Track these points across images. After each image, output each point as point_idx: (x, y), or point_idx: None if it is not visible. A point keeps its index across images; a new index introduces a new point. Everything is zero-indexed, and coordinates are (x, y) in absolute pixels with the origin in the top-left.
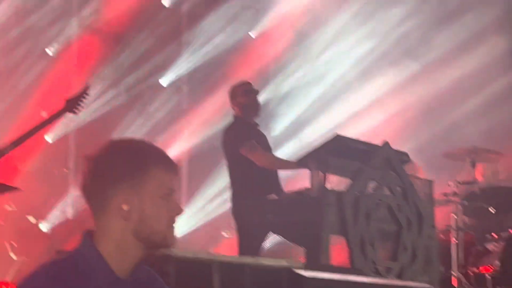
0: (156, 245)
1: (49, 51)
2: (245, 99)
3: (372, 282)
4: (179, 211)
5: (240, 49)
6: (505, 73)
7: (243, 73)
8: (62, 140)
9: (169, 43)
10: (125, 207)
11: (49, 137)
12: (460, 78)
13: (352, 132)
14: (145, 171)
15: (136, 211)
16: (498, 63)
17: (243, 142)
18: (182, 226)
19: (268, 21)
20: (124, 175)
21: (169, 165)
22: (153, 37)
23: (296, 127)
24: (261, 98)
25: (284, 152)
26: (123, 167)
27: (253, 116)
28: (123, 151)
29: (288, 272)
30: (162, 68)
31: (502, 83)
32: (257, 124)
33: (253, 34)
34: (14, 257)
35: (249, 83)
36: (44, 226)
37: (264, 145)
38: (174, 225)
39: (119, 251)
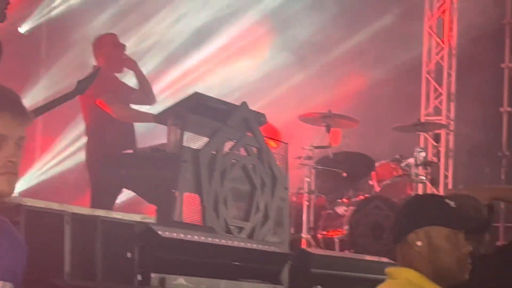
0: None
1: None
2: (112, 51)
3: (225, 244)
4: (11, 158)
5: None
6: (352, 35)
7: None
8: None
9: None
10: None
11: None
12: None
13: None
14: None
15: None
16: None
17: (101, 94)
18: (35, 177)
19: None
20: None
21: (15, 112)
22: None
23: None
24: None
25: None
26: None
27: (118, 70)
28: None
29: (141, 227)
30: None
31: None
32: (117, 77)
33: None
34: None
35: (116, 36)
36: None
37: (123, 98)
38: (7, 172)
39: None
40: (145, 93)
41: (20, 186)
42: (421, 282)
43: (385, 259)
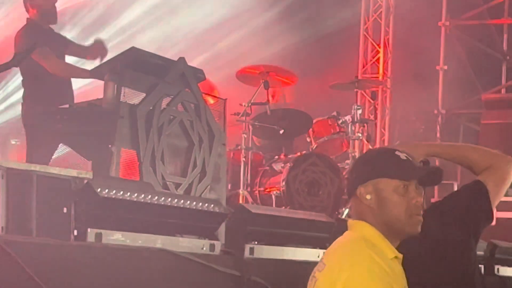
0: None
1: None
2: (45, 2)
3: (163, 204)
4: None
5: None
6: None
7: None
8: None
9: None
10: None
11: None
12: None
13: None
14: None
15: None
16: None
17: (36, 47)
18: None
19: None
20: None
21: None
22: None
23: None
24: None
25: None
26: None
27: (51, 22)
28: None
29: (78, 183)
30: None
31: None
32: (52, 29)
33: None
34: None
35: None
36: None
37: (59, 52)
38: None
39: None
40: (83, 48)
41: None
42: (374, 239)
43: (318, 217)
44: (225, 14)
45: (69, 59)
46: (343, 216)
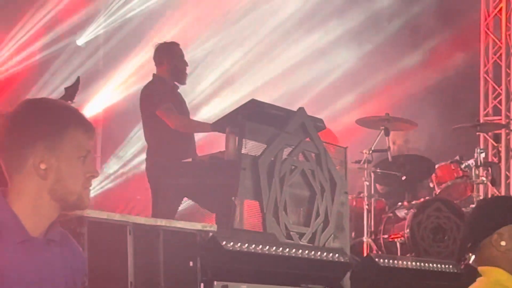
0: (71, 206)
1: None
2: (180, 63)
3: (287, 255)
4: (94, 173)
5: (157, 13)
6: (416, 47)
7: (160, 38)
8: None
9: (85, 3)
10: (42, 166)
11: None
12: (379, 45)
13: (269, 97)
14: (63, 131)
15: (53, 170)
16: (414, 33)
17: (161, 104)
18: (97, 187)
19: None
20: (42, 135)
21: (86, 127)
22: None
23: (214, 91)
24: None
25: (198, 116)
26: (41, 127)
27: (180, 82)
28: (40, 111)
29: (203, 237)
30: (79, 28)
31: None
32: (177, 87)
33: None
34: None
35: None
36: None
37: (182, 109)
38: (89, 187)
39: (34, 210)
40: None
41: None
42: (509, 283)
43: (445, 264)
44: (345, 70)
45: None
46: (470, 262)
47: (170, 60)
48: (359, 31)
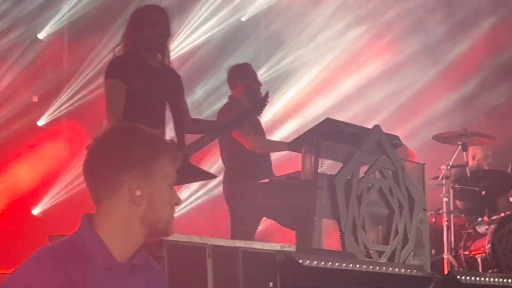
0: (159, 233)
1: None
2: (254, 84)
3: (366, 270)
4: (179, 200)
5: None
6: (494, 58)
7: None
8: None
9: None
10: (138, 193)
11: None
12: (453, 61)
13: (344, 115)
14: (156, 159)
15: (147, 197)
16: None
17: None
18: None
19: (258, 4)
20: (138, 161)
21: (174, 155)
22: None
23: (288, 111)
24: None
25: (274, 136)
26: (138, 153)
27: (259, 112)
28: (137, 137)
29: (282, 257)
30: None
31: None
32: None
33: (243, 18)
34: None
35: None
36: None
37: (257, 130)
38: (173, 214)
39: (123, 235)
40: None
41: None
42: None
43: None
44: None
45: None
46: None
47: (244, 82)
48: (436, 46)
